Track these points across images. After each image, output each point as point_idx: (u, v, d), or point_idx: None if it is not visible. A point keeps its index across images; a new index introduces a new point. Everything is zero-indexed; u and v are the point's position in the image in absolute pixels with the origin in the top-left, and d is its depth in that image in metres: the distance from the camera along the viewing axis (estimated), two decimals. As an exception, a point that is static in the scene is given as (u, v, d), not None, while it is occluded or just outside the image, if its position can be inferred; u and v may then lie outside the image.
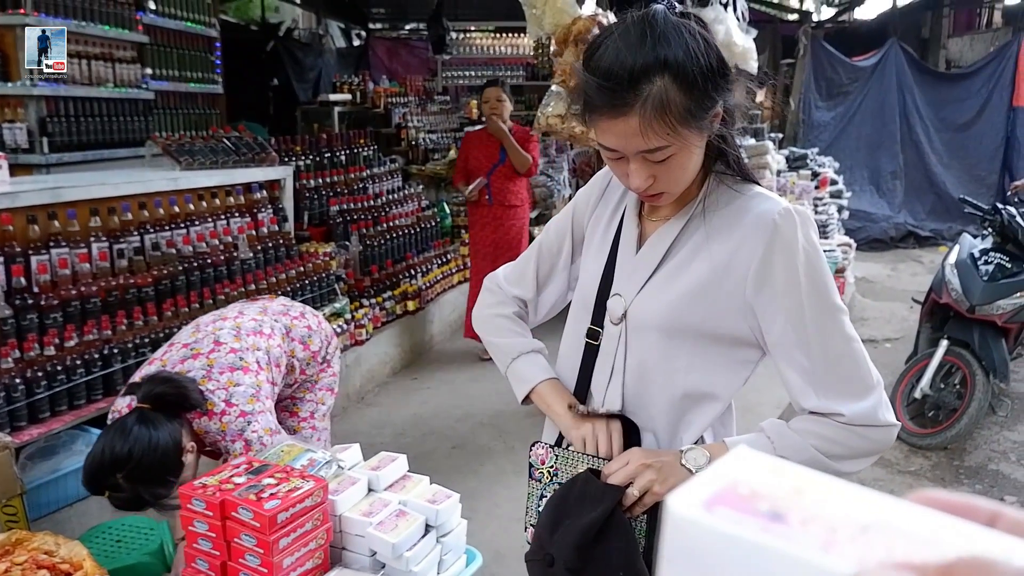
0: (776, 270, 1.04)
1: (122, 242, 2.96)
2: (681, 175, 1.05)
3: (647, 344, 1.14)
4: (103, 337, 2.80)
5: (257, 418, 1.83)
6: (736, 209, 1.09)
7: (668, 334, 1.12)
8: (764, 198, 1.09)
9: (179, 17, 5.39)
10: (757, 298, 1.06)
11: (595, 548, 1.08)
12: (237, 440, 1.80)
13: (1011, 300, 3.57)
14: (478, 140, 4.76)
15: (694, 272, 1.10)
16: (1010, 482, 3.41)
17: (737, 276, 1.07)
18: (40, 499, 2.39)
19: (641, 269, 1.15)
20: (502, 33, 10.75)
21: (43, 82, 4.24)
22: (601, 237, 1.24)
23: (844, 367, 1.04)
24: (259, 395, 1.87)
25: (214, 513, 1.28)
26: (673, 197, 1.10)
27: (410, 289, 4.91)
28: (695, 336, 1.11)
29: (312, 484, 1.32)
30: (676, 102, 0.96)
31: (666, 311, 1.11)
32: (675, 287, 1.11)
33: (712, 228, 1.10)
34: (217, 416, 1.79)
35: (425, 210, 5.72)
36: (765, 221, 1.05)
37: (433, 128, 7.94)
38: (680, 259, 1.12)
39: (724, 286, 1.08)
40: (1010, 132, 8.89)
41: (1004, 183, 8.42)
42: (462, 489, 1.58)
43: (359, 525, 1.37)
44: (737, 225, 1.08)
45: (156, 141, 3.91)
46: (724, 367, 1.13)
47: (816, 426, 1.04)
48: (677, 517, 0.35)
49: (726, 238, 1.08)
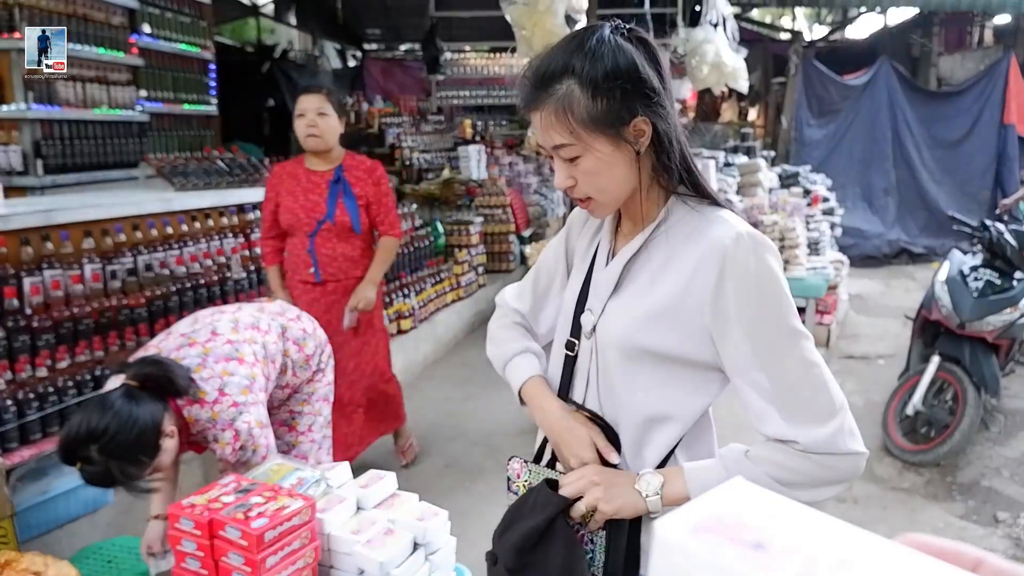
0: (728, 296, 1.05)
1: (115, 263, 2.97)
2: (598, 181, 1.08)
3: (611, 362, 1.16)
4: (95, 358, 2.80)
5: (249, 409, 1.84)
6: (696, 232, 1.10)
7: (628, 354, 1.13)
8: (721, 222, 1.09)
9: (174, 40, 5.44)
10: (714, 324, 1.07)
11: (535, 552, 1.12)
12: (227, 429, 1.80)
13: (1001, 316, 3.60)
14: (292, 179, 3.00)
15: (655, 294, 1.11)
16: (1003, 498, 3.41)
17: (694, 301, 1.08)
18: (30, 520, 2.37)
19: (604, 285, 1.18)
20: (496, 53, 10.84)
21: (37, 104, 4.27)
22: (584, 251, 1.28)
23: (802, 393, 1.03)
24: (252, 387, 1.87)
25: (202, 532, 1.28)
26: (604, 207, 1.13)
27: (403, 308, 4.91)
28: (654, 358, 1.12)
29: (300, 503, 1.32)
30: (579, 105, 1.03)
31: (625, 331, 1.13)
32: (638, 307, 1.12)
33: (673, 251, 1.11)
34: (209, 404, 1.80)
35: (419, 229, 5.74)
36: (718, 246, 1.06)
37: (427, 148, 7.98)
38: (644, 280, 1.14)
39: (682, 311, 1.09)
40: (1001, 149, 8.97)
41: (996, 199, 8.48)
42: (454, 507, 1.58)
43: (347, 543, 1.38)
44: (695, 249, 1.08)
45: (150, 162, 3.94)
46: (684, 390, 1.13)
47: (774, 453, 1.04)
48: (664, 540, 0.37)
49: (684, 262, 1.09)
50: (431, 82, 10.23)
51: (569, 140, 1.05)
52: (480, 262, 6.42)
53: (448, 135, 8.81)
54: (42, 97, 4.29)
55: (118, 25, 4.88)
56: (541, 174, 8.62)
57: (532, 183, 8.23)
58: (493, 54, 10.92)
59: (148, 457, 1.67)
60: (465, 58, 10.99)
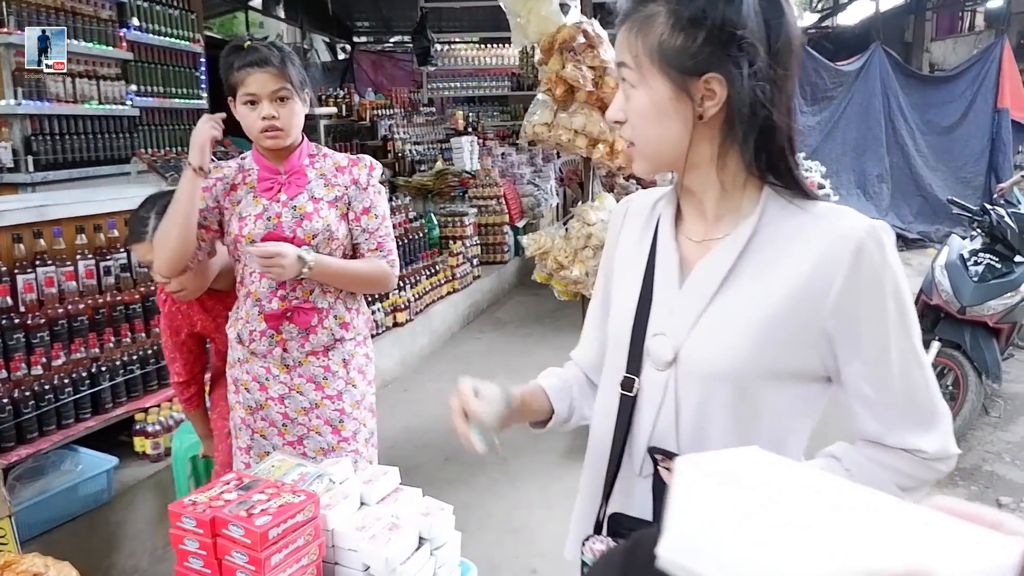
0: (863, 298, 0.91)
1: (109, 259, 2.93)
2: (644, 127, 0.96)
3: (707, 394, 0.96)
4: (91, 355, 2.77)
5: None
6: (806, 226, 0.95)
7: (736, 380, 0.94)
8: (841, 213, 0.95)
9: (163, 33, 5.37)
10: (838, 327, 0.92)
11: None
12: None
13: (1001, 300, 3.59)
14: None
15: (763, 302, 0.93)
16: (1005, 483, 3.42)
17: (814, 302, 0.92)
18: (29, 520, 2.35)
19: (692, 301, 0.97)
20: (487, 44, 10.79)
21: (27, 100, 4.21)
22: (630, 268, 1.08)
23: (924, 400, 0.95)
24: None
25: (204, 531, 1.26)
26: (641, 161, 1.00)
27: (399, 301, 4.89)
28: (768, 378, 0.95)
29: (303, 498, 1.30)
30: (655, 32, 0.92)
31: (734, 352, 0.94)
32: (741, 321, 0.94)
33: (780, 250, 0.95)
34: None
35: (412, 222, 5.72)
36: (848, 241, 0.91)
37: (419, 140, 7.95)
38: (741, 286, 0.95)
39: (799, 315, 0.93)
40: (995, 133, 8.97)
41: (990, 184, 8.49)
42: (455, 501, 1.56)
43: (352, 539, 1.36)
44: (811, 244, 0.93)
45: (141, 157, 3.90)
46: (799, 410, 0.98)
47: (890, 458, 0.95)
48: (680, 481, 0.43)
49: (800, 260, 0.93)
50: (422, 74, 10.18)
51: (631, 63, 0.94)
52: (475, 253, 6.41)
53: (440, 127, 8.78)
54: (32, 92, 4.23)
55: (107, 19, 4.82)
56: (534, 164, 8.60)
57: (525, 174, 8.20)
58: (483, 45, 10.87)
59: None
60: (455, 49, 10.94)
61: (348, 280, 2.02)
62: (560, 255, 3.57)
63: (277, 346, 1.99)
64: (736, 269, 0.96)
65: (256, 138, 1.93)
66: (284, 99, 1.91)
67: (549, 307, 5.86)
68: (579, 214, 3.62)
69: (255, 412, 2.07)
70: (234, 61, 1.90)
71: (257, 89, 1.88)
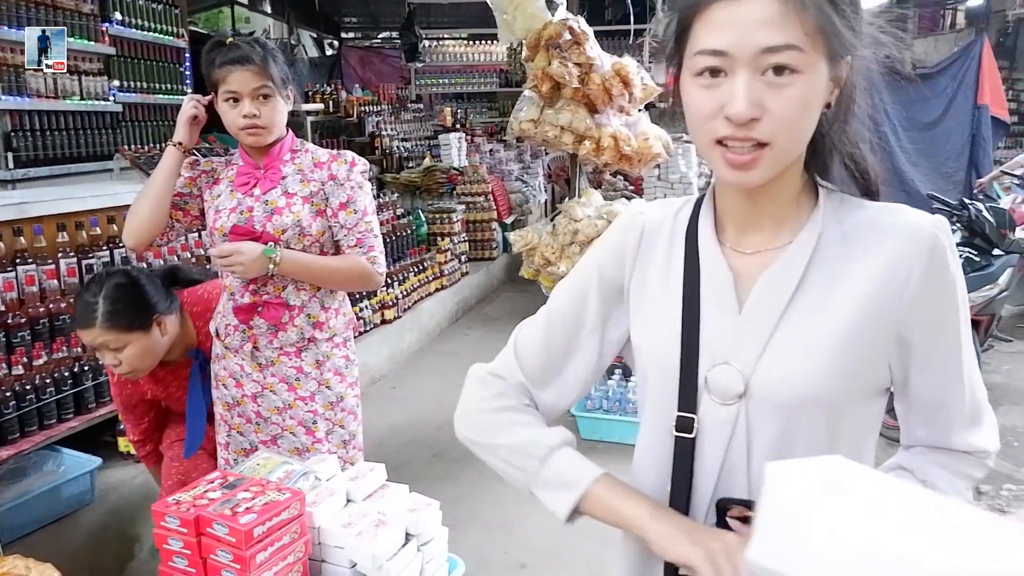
0: (939, 298, 0.84)
1: (91, 257, 2.90)
2: (798, 121, 0.78)
3: (787, 424, 0.85)
4: (73, 355, 2.74)
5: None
6: (871, 224, 0.86)
7: (822, 404, 0.84)
8: (904, 210, 0.88)
9: (147, 28, 5.32)
10: (913, 331, 0.84)
11: None
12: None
13: (981, 293, 3.64)
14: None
15: (839, 313, 0.83)
16: (986, 473, 3.46)
17: (890, 307, 0.83)
18: (11, 522, 2.33)
19: (759, 322, 0.85)
20: (475, 40, 10.77)
21: (7, 96, 4.16)
22: (660, 291, 0.93)
23: (981, 400, 0.91)
24: None
25: (188, 530, 1.25)
26: (776, 158, 0.80)
27: (387, 298, 4.88)
28: (854, 395, 0.86)
29: (289, 496, 1.30)
30: (814, 5, 0.75)
31: (818, 373, 0.83)
32: (820, 338, 0.83)
33: (845, 253, 0.85)
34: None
35: (400, 218, 5.70)
36: (921, 236, 0.83)
37: (407, 136, 7.93)
38: (812, 298, 0.85)
39: (878, 322, 0.84)
40: (975, 130, 9.08)
41: (971, 179, 8.59)
42: (443, 497, 1.56)
43: (338, 536, 1.35)
44: (880, 243, 0.84)
45: (124, 154, 3.86)
46: (874, 425, 0.90)
47: (958, 463, 0.91)
48: (773, 488, 0.44)
49: (869, 262, 0.84)
50: (410, 70, 10.14)
51: (797, 43, 0.75)
52: (463, 250, 6.40)
53: (428, 123, 8.76)
54: (11, 88, 4.18)
55: (88, 13, 4.76)
56: (522, 161, 8.59)
57: (514, 170, 8.20)
58: (471, 41, 10.84)
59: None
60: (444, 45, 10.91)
61: (321, 277, 1.98)
62: (547, 251, 3.57)
63: (248, 341, 1.99)
64: (804, 280, 0.85)
65: (237, 135, 1.92)
66: (266, 97, 1.89)
67: (537, 303, 5.77)
68: (566, 210, 3.62)
69: (232, 408, 2.08)
70: (216, 57, 1.88)
71: (238, 87, 1.86)
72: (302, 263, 1.93)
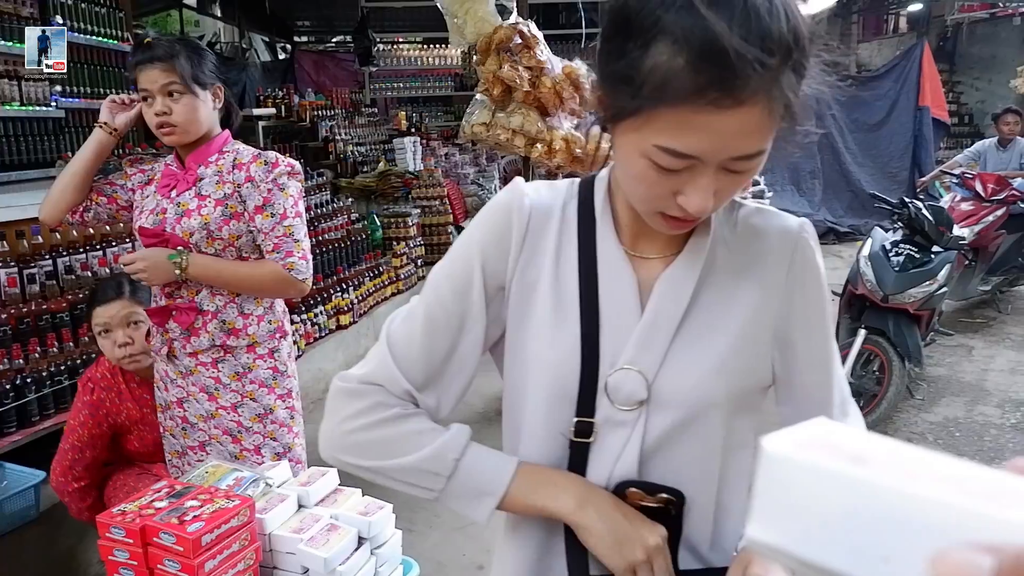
0: (807, 295, 0.88)
1: (32, 267, 2.83)
2: (740, 180, 0.77)
3: (683, 425, 0.85)
4: (15, 367, 2.67)
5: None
6: (751, 230, 0.88)
7: (716, 406, 0.85)
8: (774, 213, 0.90)
9: (89, 32, 5.19)
10: (786, 328, 0.88)
11: None
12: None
13: (921, 288, 3.77)
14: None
15: (736, 315, 0.85)
16: (928, 462, 3.58)
17: (772, 309, 0.86)
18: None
19: (662, 326, 0.84)
20: (429, 44, 10.74)
21: (-58, 102, 4.02)
22: (551, 292, 0.88)
23: (847, 392, 0.96)
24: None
25: (134, 540, 1.24)
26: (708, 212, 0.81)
27: (342, 303, 4.84)
28: (742, 397, 0.88)
29: (238, 503, 1.29)
30: (786, 95, 0.71)
31: (717, 377, 0.84)
32: (719, 342, 0.85)
33: (735, 255, 0.87)
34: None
35: (355, 223, 5.66)
36: (788, 238, 0.87)
37: (361, 140, 7.87)
38: (711, 302, 0.86)
39: (763, 325, 0.87)
40: (917, 130, 9.40)
41: (914, 178, 8.89)
42: (400, 500, 1.56)
43: (289, 542, 1.35)
44: (760, 246, 0.87)
45: (67, 161, 3.75)
46: (764, 419, 0.91)
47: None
48: (772, 455, 0.39)
49: (754, 265, 0.87)
50: (364, 74, 10.07)
51: (767, 144, 0.74)
52: (419, 254, 6.38)
53: (383, 127, 8.71)
54: (-54, 94, 4.05)
55: (27, 16, 4.63)
56: (478, 164, 8.60)
57: (469, 173, 8.21)
58: (426, 45, 10.81)
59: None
60: (398, 49, 10.86)
61: (233, 283, 1.92)
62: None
63: (165, 345, 1.98)
64: (701, 284, 0.85)
65: (156, 134, 1.91)
66: (174, 94, 1.86)
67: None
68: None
69: (165, 411, 2.08)
70: (132, 58, 1.91)
71: (148, 84, 1.87)
72: (212, 268, 1.88)
